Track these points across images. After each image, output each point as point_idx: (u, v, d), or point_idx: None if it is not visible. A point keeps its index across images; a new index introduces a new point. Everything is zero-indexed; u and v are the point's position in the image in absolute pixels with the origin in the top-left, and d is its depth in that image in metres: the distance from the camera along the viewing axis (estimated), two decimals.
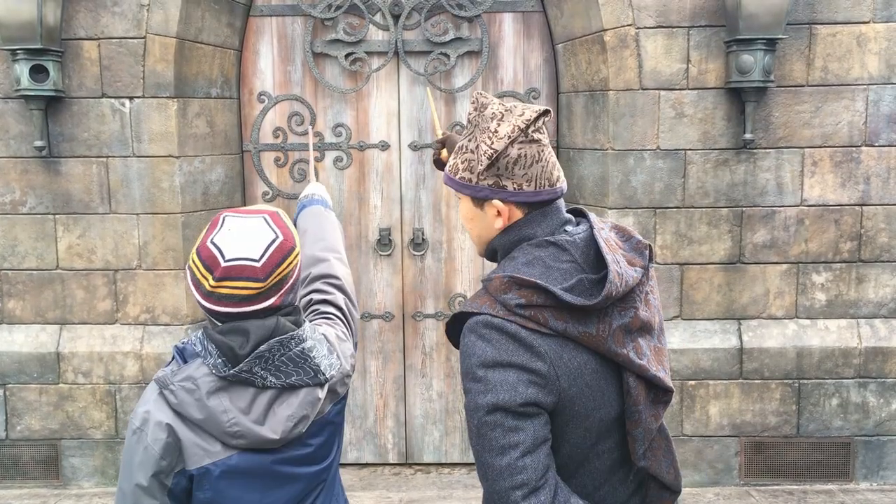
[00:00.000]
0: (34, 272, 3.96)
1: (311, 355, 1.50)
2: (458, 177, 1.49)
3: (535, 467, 1.34)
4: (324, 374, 1.52)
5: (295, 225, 2.10)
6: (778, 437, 3.98)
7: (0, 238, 3.93)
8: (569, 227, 1.48)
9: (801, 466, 3.98)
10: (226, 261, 1.42)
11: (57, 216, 3.92)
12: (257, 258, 1.44)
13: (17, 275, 3.96)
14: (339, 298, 1.79)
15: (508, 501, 1.34)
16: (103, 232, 3.92)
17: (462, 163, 1.48)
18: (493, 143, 1.41)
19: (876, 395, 3.93)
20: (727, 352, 3.91)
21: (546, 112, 1.43)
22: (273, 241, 1.46)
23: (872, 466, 3.97)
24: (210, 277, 1.43)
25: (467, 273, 4.28)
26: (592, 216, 1.52)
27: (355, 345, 1.78)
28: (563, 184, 1.48)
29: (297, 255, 1.51)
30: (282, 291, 1.48)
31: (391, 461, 4.40)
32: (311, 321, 1.70)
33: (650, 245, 1.51)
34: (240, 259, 1.43)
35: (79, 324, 3.99)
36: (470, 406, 1.38)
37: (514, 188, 1.43)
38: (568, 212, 1.54)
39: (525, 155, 1.41)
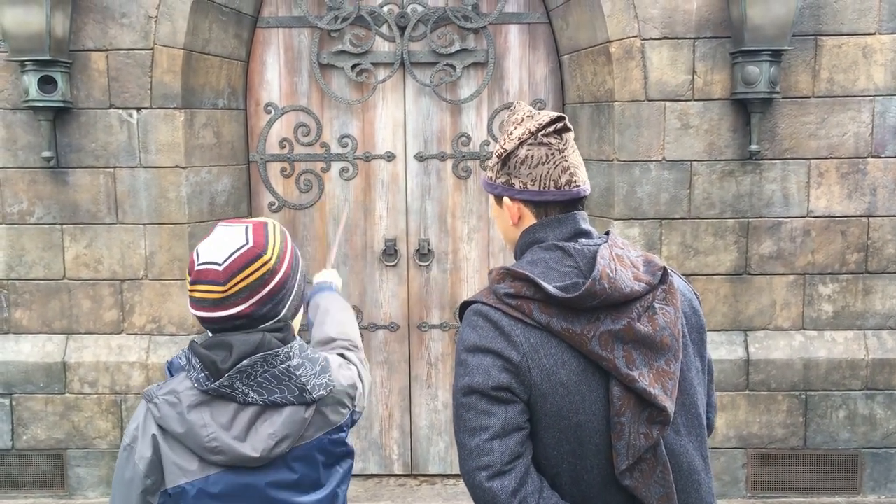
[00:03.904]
0: (41, 282, 3.97)
1: (297, 373, 1.48)
2: (484, 177, 1.62)
3: (503, 452, 1.40)
4: (310, 394, 1.48)
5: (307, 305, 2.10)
6: (785, 450, 3.95)
7: (7, 248, 3.95)
8: (583, 239, 1.53)
9: (808, 479, 3.96)
10: (198, 265, 1.47)
11: (64, 226, 3.93)
12: (220, 262, 1.45)
13: (25, 284, 3.97)
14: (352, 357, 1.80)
15: (474, 481, 1.42)
16: (110, 242, 3.93)
17: (489, 164, 1.61)
18: (505, 143, 1.54)
19: (884, 407, 3.91)
20: (733, 363, 3.90)
21: (559, 118, 1.52)
22: (241, 247, 1.47)
23: (880, 479, 3.95)
24: (188, 281, 1.49)
25: (473, 283, 4.28)
26: (617, 237, 1.55)
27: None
28: (575, 188, 1.53)
29: (266, 262, 1.48)
30: (253, 300, 1.47)
31: (396, 472, 4.39)
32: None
33: (665, 267, 1.52)
34: (206, 263, 1.46)
35: (85, 334, 3.99)
36: (453, 388, 1.47)
37: (520, 186, 1.53)
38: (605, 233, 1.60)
39: (532, 156, 1.51)
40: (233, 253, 1.46)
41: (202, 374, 1.43)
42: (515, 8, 4.15)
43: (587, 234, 1.55)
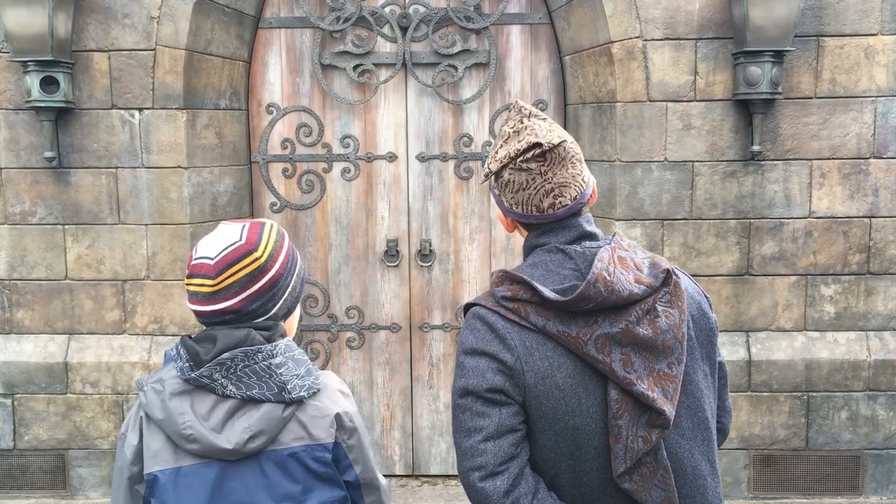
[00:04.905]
0: (43, 282, 3.97)
1: (279, 371, 1.50)
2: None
3: (496, 453, 1.42)
4: (289, 393, 1.50)
5: None
6: (787, 451, 3.95)
7: (10, 248, 3.95)
8: (587, 242, 1.53)
9: (810, 480, 3.96)
10: (194, 259, 1.53)
11: (66, 227, 3.93)
12: (212, 257, 1.51)
13: (27, 285, 3.98)
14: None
15: (468, 481, 1.44)
16: (112, 242, 3.93)
17: (486, 169, 1.61)
18: (491, 163, 1.54)
19: (885, 408, 3.91)
20: (735, 364, 3.89)
21: (536, 146, 1.47)
22: (233, 243, 1.52)
23: (882, 480, 3.95)
24: (186, 275, 1.55)
25: (474, 284, 4.28)
26: (623, 239, 1.55)
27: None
28: (561, 208, 1.51)
29: (256, 259, 1.52)
30: (242, 296, 1.51)
31: (398, 473, 4.38)
32: None
33: (668, 269, 1.50)
34: (201, 258, 1.52)
35: (87, 334, 4.00)
36: (451, 389, 1.50)
37: (508, 206, 1.56)
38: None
39: (514, 181, 1.51)
40: (225, 248, 1.52)
41: (187, 364, 1.49)
42: (517, 9, 4.15)
43: (592, 237, 1.54)
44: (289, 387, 1.50)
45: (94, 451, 3.99)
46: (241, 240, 1.53)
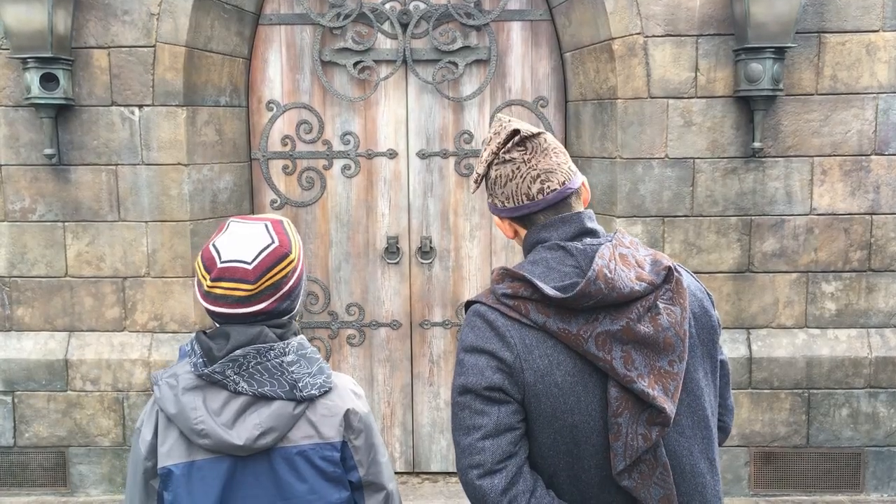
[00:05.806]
0: (43, 279, 3.97)
1: (291, 369, 1.51)
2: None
3: (494, 451, 1.42)
4: (301, 391, 1.51)
5: None
6: (788, 448, 3.95)
7: (10, 246, 3.95)
8: (588, 238, 1.52)
9: (811, 477, 3.96)
10: (221, 262, 1.50)
11: (66, 224, 3.93)
12: (249, 261, 1.50)
13: (27, 282, 3.97)
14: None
15: (466, 479, 1.44)
16: (112, 239, 3.93)
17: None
18: (478, 168, 1.56)
19: (886, 405, 3.90)
20: (736, 361, 3.89)
21: (514, 132, 1.52)
22: (268, 246, 1.52)
23: (883, 477, 3.94)
24: (208, 277, 1.51)
25: (475, 281, 4.27)
26: (625, 236, 1.54)
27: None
28: (550, 193, 1.51)
29: (291, 261, 1.54)
30: (275, 297, 1.53)
31: (398, 470, 4.38)
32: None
33: (669, 267, 1.49)
34: (234, 261, 1.50)
35: (87, 331, 3.99)
36: (451, 386, 1.50)
37: (500, 205, 1.56)
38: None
39: (500, 175, 1.53)
40: (261, 252, 1.51)
41: (200, 360, 1.49)
42: (518, 5, 4.14)
43: (593, 233, 1.53)
44: (300, 384, 1.51)
45: (94, 448, 3.99)
46: (274, 242, 1.53)
